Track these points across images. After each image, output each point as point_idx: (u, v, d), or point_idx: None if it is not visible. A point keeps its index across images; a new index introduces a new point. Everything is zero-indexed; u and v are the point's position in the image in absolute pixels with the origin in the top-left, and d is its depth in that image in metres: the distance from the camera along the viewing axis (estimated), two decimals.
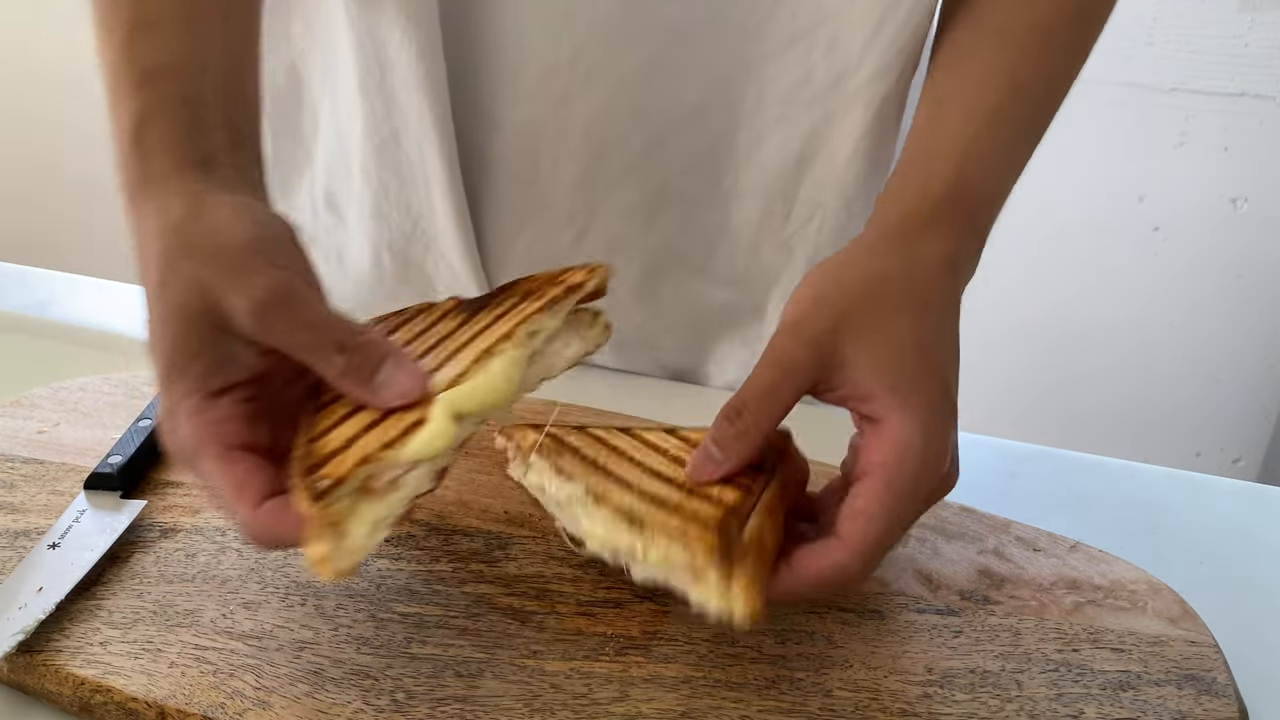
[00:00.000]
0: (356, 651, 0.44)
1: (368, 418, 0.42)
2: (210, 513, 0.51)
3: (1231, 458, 1.71)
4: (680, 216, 0.66)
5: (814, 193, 0.65)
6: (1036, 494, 0.58)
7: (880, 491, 0.40)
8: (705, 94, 0.62)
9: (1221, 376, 1.65)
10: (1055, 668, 0.45)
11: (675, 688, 0.43)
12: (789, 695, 0.43)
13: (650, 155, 0.64)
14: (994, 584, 0.49)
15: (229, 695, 0.42)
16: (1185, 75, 1.50)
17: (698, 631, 0.46)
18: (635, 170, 0.64)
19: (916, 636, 0.46)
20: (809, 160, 0.64)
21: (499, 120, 0.63)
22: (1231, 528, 0.57)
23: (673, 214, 0.66)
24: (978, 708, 0.43)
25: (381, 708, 0.41)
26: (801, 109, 0.62)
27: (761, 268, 0.68)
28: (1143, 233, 1.60)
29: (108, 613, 0.45)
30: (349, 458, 0.39)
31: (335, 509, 0.39)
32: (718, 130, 0.63)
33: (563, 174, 0.64)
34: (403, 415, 0.41)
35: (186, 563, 0.48)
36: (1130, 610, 0.48)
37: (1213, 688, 0.44)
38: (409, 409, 0.41)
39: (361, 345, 0.42)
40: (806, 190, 0.65)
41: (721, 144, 0.64)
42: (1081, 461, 0.62)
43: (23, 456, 0.55)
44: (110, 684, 0.42)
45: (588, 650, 0.45)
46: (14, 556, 0.48)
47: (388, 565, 0.49)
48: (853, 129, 0.62)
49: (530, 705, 0.42)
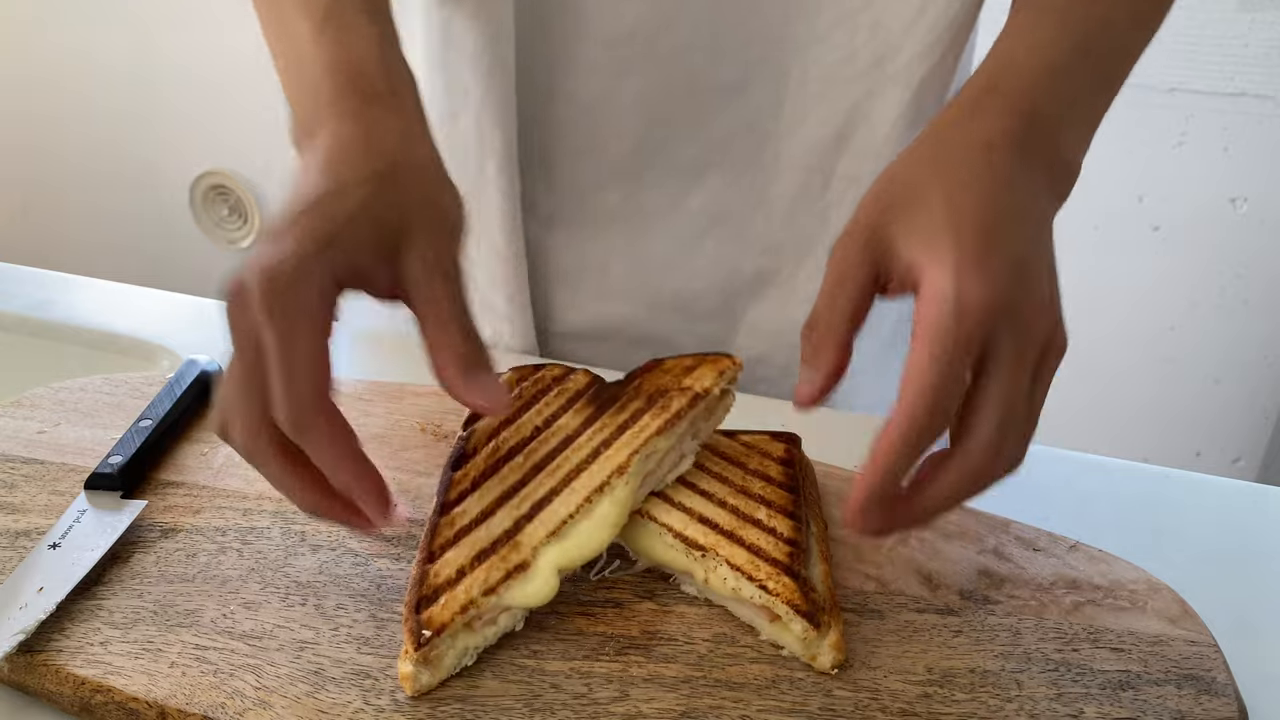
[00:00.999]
0: (357, 651, 0.44)
1: (477, 545, 0.44)
2: (210, 513, 0.51)
3: (1231, 458, 1.71)
4: (722, 184, 0.69)
5: (852, 167, 0.67)
6: (1036, 494, 0.58)
7: (920, 348, 0.39)
8: (751, 69, 0.65)
9: (1221, 376, 1.65)
10: (1055, 667, 0.45)
11: (675, 688, 0.43)
12: (789, 695, 0.43)
13: (696, 126, 0.66)
14: (994, 584, 0.49)
15: (229, 695, 0.42)
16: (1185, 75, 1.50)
17: (698, 631, 0.46)
18: (681, 140, 0.67)
19: (916, 636, 0.46)
20: (848, 136, 0.66)
21: (559, 93, 0.65)
22: (1231, 528, 0.57)
23: (715, 182, 0.68)
24: (977, 707, 0.43)
25: (382, 707, 0.42)
26: (842, 87, 0.65)
27: (797, 237, 0.70)
28: (1143, 233, 1.60)
29: (108, 613, 0.45)
30: (454, 600, 0.42)
31: (437, 653, 0.42)
32: (762, 104, 0.66)
33: (615, 144, 0.67)
34: (507, 555, 0.44)
35: (187, 563, 0.48)
36: (1130, 610, 0.48)
37: (1212, 687, 0.44)
38: (513, 550, 0.44)
39: (480, 343, 0.43)
40: (845, 164, 0.67)
41: (765, 117, 0.66)
42: (1081, 461, 0.62)
43: (23, 457, 0.55)
44: (111, 684, 0.42)
45: (588, 650, 0.45)
46: (14, 557, 0.48)
47: (388, 565, 0.49)
48: (891, 107, 0.65)
49: (530, 705, 0.42)
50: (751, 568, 0.45)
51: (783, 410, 0.64)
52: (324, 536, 0.50)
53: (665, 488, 0.49)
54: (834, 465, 0.56)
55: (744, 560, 0.45)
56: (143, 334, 0.72)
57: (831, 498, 0.53)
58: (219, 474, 0.54)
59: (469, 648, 0.43)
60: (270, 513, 0.51)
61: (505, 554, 0.44)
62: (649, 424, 0.48)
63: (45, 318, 0.74)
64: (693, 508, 0.48)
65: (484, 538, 0.44)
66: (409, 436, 0.58)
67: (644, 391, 0.50)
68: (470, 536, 0.44)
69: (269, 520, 0.51)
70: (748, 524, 0.47)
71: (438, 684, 0.42)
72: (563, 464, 0.47)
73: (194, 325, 0.74)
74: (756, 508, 0.48)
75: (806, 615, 0.43)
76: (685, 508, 0.48)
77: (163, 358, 0.70)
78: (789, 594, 0.44)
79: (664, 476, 0.49)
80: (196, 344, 0.68)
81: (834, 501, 0.53)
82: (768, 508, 0.48)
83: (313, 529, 0.50)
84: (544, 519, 0.45)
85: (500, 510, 0.45)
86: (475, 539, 0.44)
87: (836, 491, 0.54)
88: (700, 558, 0.46)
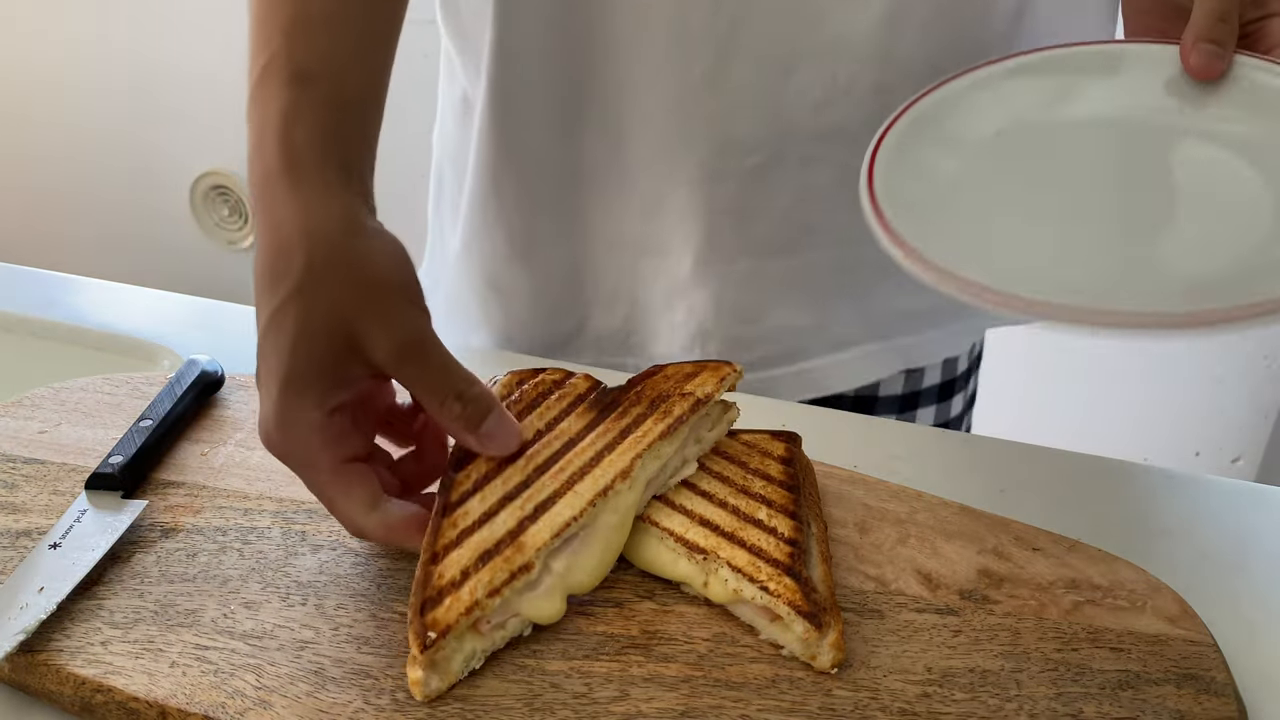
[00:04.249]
0: (357, 651, 0.44)
1: (481, 546, 0.44)
2: (211, 513, 0.51)
3: (1231, 458, 1.71)
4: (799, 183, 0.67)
5: None
6: (1037, 494, 0.58)
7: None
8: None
9: (1221, 376, 1.65)
10: (1055, 667, 0.45)
11: (675, 687, 0.43)
12: (789, 695, 0.43)
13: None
14: (994, 583, 0.49)
15: (230, 695, 0.42)
16: None
17: (698, 631, 0.46)
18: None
19: (916, 636, 0.46)
20: None
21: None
22: (1231, 528, 0.57)
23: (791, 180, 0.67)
24: (977, 707, 0.43)
25: (382, 707, 0.42)
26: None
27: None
28: None
29: (109, 612, 0.45)
30: (459, 602, 0.42)
31: (442, 654, 0.42)
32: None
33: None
34: (511, 557, 0.44)
35: (187, 562, 0.48)
36: (1130, 610, 0.48)
37: (1212, 687, 0.44)
38: (517, 551, 0.44)
39: (475, 396, 0.46)
40: None
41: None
42: (1081, 461, 0.62)
43: (24, 457, 0.55)
44: (111, 684, 0.42)
45: (588, 650, 0.45)
46: (15, 556, 0.48)
47: (388, 565, 0.49)
48: None
49: (530, 705, 0.42)
50: (753, 569, 0.45)
51: (783, 410, 0.64)
52: (324, 537, 0.50)
53: (666, 490, 0.49)
54: (834, 465, 0.56)
55: (745, 562, 0.45)
56: (143, 334, 0.72)
57: (831, 498, 0.53)
58: (219, 474, 0.54)
59: (476, 650, 0.43)
60: (271, 513, 0.51)
61: (509, 555, 0.44)
62: (651, 429, 0.48)
63: (45, 318, 0.74)
64: (693, 509, 0.48)
65: (488, 538, 0.44)
66: None
67: (645, 397, 0.50)
68: (474, 537, 0.44)
69: (269, 520, 0.51)
70: (748, 524, 0.47)
71: (446, 689, 0.42)
72: (565, 467, 0.47)
73: (194, 325, 0.74)
74: (757, 507, 0.48)
75: (808, 616, 0.43)
76: (686, 510, 0.48)
77: (163, 358, 0.70)
78: (790, 595, 0.44)
79: (666, 481, 0.49)
80: (197, 344, 0.68)
81: (834, 501, 0.53)
82: (768, 507, 0.48)
83: (313, 529, 0.50)
84: (548, 521, 0.45)
85: (503, 511, 0.45)
86: (479, 540, 0.44)
87: (836, 491, 0.54)
88: (701, 561, 0.46)
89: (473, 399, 0.46)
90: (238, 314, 0.75)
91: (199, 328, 0.73)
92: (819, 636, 0.43)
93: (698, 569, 0.46)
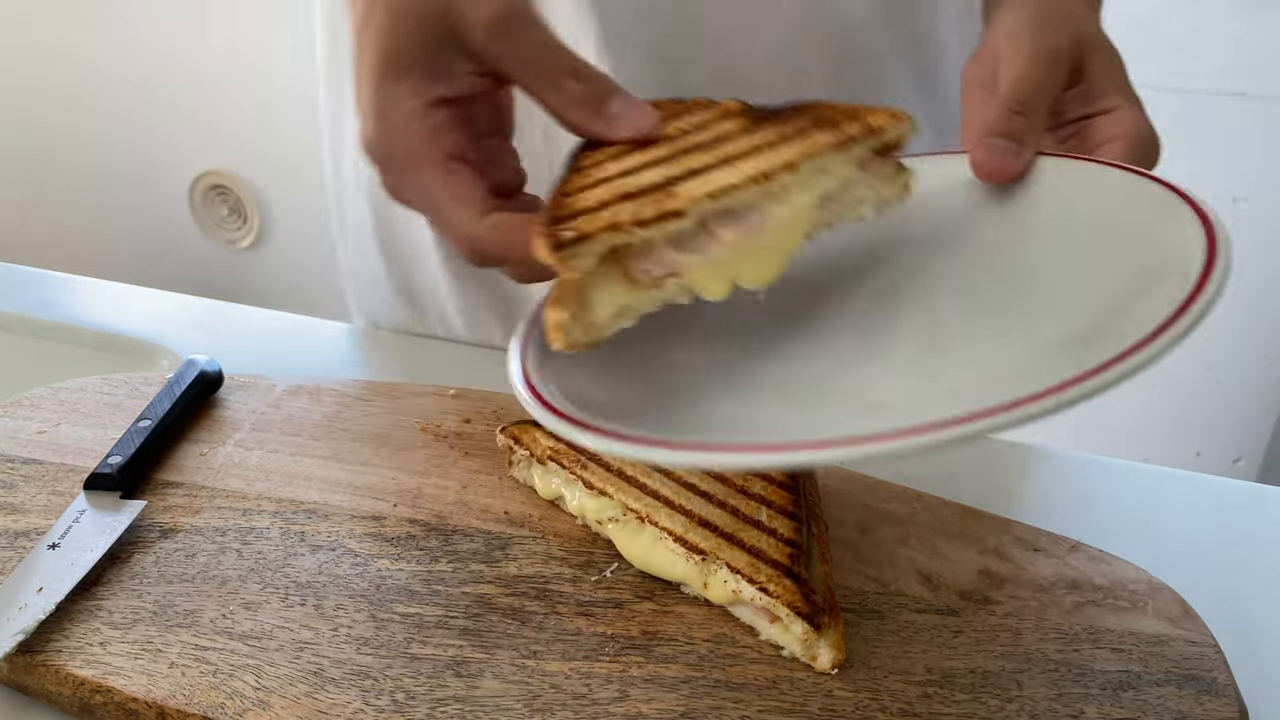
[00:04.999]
0: (356, 652, 0.44)
1: (621, 188, 0.38)
2: (210, 513, 0.51)
3: (1231, 458, 1.71)
4: None
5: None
6: (1037, 494, 0.58)
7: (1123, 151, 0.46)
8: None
9: (1222, 376, 1.65)
10: (1055, 668, 0.45)
11: (675, 688, 0.43)
12: (789, 695, 0.43)
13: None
14: (994, 584, 0.49)
15: (229, 695, 0.42)
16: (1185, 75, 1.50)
17: (697, 632, 0.46)
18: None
19: (916, 636, 0.46)
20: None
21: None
22: (1231, 528, 0.57)
23: None
24: (978, 708, 0.43)
25: (381, 708, 0.41)
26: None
27: None
28: None
29: (108, 613, 0.45)
30: (600, 219, 0.37)
31: (576, 262, 0.36)
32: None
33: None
34: (660, 200, 0.38)
35: (186, 563, 0.48)
36: (1130, 610, 0.48)
37: (1213, 688, 0.44)
38: (664, 192, 0.38)
39: (595, 75, 0.41)
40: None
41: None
42: (1081, 461, 0.62)
43: (23, 457, 0.55)
44: (110, 684, 0.42)
45: (588, 650, 0.45)
46: (14, 557, 0.48)
47: (388, 565, 0.49)
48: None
49: (530, 705, 0.42)
50: (752, 570, 0.45)
51: None
52: (324, 537, 0.50)
53: (665, 489, 0.49)
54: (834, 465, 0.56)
55: (744, 563, 0.45)
56: (143, 334, 0.72)
57: (831, 498, 0.53)
58: (219, 474, 0.54)
59: (624, 306, 0.38)
60: (270, 513, 0.51)
61: (658, 198, 0.37)
62: (820, 139, 0.41)
63: (45, 318, 0.74)
64: (693, 510, 0.48)
65: (631, 185, 0.38)
66: (409, 436, 0.58)
67: (809, 115, 0.43)
68: (613, 184, 0.38)
69: (268, 520, 0.51)
70: (748, 525, 0.47)
71: (592, 343, 0.37)
72: (719, 151, 0.40)
73: (194, 325, 0.74)
74: (757, 508, 0.48)
75: (807, 618, 0.43)
76: (685, 510, 0.48)
77: (162, 358, 0.70)
78: (790, 596, 0.44)
79: (841, 214, 0.42)
80: (196, 344, 0.68)
81: (834, 502, 0.53)
82: (768, 508, 0.48)
83: (312, 529, 0.50)
84: (703, 181, 0.39)
85: (648, 170, 0.39)
86: (620, 185, 0.38)
87: (836, 491, 0.54)
88: (700, 562, 0.46)
89: (591, 76, 0.41)
90: (237, 314, 0.75)
91: (198, 328, 0.73)
92: (818, 637, 0.43)
93: (697, 570, 0.46)
